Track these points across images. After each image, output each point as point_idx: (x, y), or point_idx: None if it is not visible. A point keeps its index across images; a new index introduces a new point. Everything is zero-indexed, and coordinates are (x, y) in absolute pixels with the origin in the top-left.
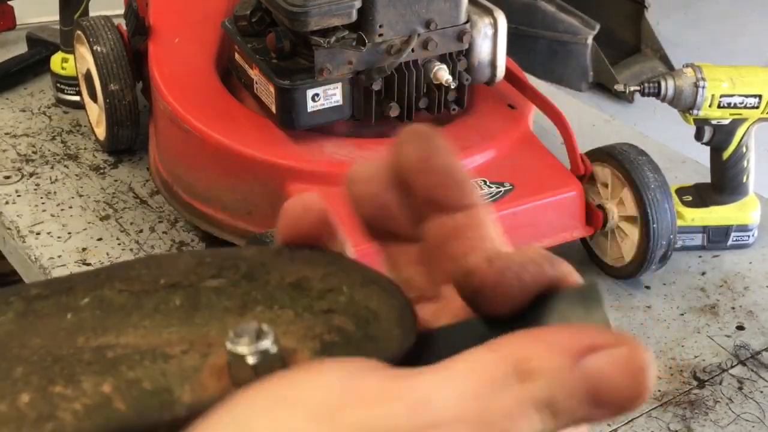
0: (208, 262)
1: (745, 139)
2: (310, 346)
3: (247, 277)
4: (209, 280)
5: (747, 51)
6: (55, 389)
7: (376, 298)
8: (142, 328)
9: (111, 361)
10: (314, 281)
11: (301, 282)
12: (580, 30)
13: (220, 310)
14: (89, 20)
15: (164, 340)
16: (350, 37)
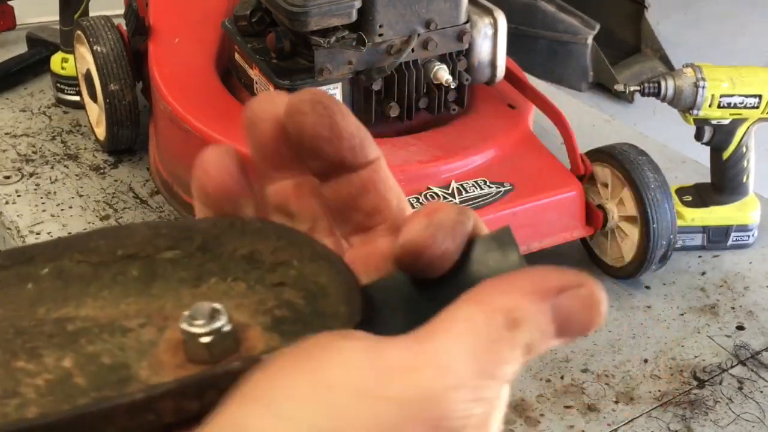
0: (164, 233)
1: (745, 139)
2: (261, 321)
3: (201, 249)
4: (165, 251)
5: (747, 51)
6: (18, 364)
7: (325, 273)
8: (101, 299)
9: (71, 334)
10: (266, 254)
11: (253, 254)
12: (580, 30)
13: (176, 281)
14: (89, 20)
15: (122, 312)
16: (350, 37)
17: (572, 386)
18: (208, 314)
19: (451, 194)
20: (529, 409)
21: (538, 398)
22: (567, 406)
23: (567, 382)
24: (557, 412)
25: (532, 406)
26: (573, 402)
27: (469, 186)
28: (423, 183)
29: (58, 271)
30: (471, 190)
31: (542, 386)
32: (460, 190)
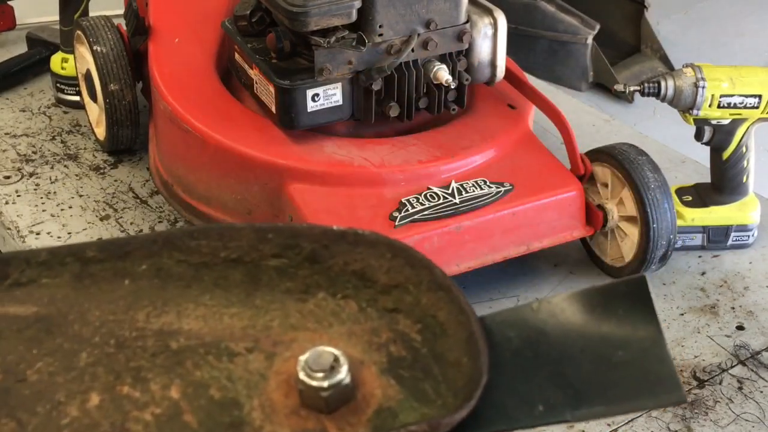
0: (271, 238)
1: (745, 139)
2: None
3: (309, 259)
4: (271, 258)
5: (747, 51)
6: (123, 389)
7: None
8: (202, 305)
9: (176, 353)
10: (379, 272)
11: (365, 271)
12: (580, 30)
13: (281, 292)
14: (89, 20)
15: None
16: (350, 37)
17: None
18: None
19: (451, 194)
20: None
21: None
22: None
23: None
24: None
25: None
26: None
27: (469, 186)
28: (423, 183)
29: (157, 269)
30: (471, 190)
31: None
32: (460, 190)
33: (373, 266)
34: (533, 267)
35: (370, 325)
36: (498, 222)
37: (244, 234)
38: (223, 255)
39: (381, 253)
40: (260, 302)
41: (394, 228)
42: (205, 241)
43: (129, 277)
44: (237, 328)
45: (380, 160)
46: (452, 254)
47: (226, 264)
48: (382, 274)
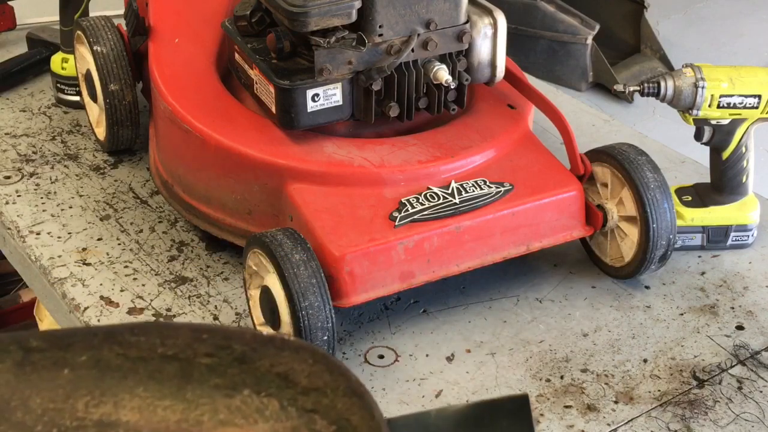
0: (205, 339)
1: (745, 139)
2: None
3: (239, 359)
4: (204, 357)
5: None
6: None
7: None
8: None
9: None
10: (301, 376)
11: (288, 374)
12: (580, 30)
13: (210, 387)
14: (89, 20)
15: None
16: (350, 37)
17: (572, 386)
18: None
19: (450, 194)
20: None
21: (538, 398)
22: (567, 405)
23: (567, 382)
24: (557, 412)
25: (532, 406)
26: (573, 402)
27: (468, 186)
28: (423, 183)
29: (96, 361)
30: (471, 190)
31: (542, 386)
32: (459, 190)
33: (296, 370)
34: (533, 267)
35: (291, 424)
36: (498, 222)
37: (181, 333)
38: (159, 351)
39: (303, 359)
40: (191, 396)
41: (394, 228)
42: (144, 338)
43: (69, 367)
44: (171, 422)
45: (380, 160)
46: (452, 254)
47: (161, 359)
48: (304, 378)
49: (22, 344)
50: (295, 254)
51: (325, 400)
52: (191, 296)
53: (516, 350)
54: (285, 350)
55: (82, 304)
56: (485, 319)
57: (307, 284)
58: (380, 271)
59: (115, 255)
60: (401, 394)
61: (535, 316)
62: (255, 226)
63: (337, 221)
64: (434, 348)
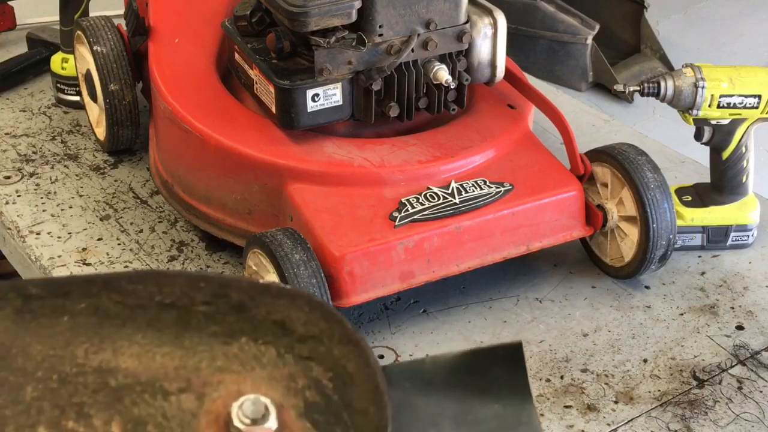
0: (202, 287)
1: (745, 139)
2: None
3: (236, 307)
4: (201, 305)
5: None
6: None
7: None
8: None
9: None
10: (297, 324)
11: (285, 321)
12: (580, 30)
13: (208, 335)
14: (89, 20)
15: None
16: (350, 37)
17: (572, 386)
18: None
19: (450, 194)
20: None
21: (538, 398)
22: (567, 405)
23: (567, 382)
24: (557, 412)
25: None
26: (573, 402)
27: (468, 186)
28: (423, 183)
29: (94, 308)
30: (471, 190)
31: (542, 386)
32: (459, 190)
33: (293, 318)
34: (533, 267)
35: (288, 371)
36: (498, 222)
37: (178, 281)
38: (157, 299)
39: (300, 307)
40: (189, 343)
41: (394, 228)
42: (142, 286)
43: (68, 314)
44: (170, 368)
45: (380, 160)
46: (452, 254)
47: (159, 307)
48: (300, 325)
49: (20, 291)
50: (295, 254)
51: (321, 347)
52: None
53: None
54: (282, 298)
55: None
56: (485, 319)
57: (307, 284)
58: (380, 271)
59: (115, 255)
60: None
61: (535, 316)
62: (255, 226)
63: (337, 221)
64: (434, 348)
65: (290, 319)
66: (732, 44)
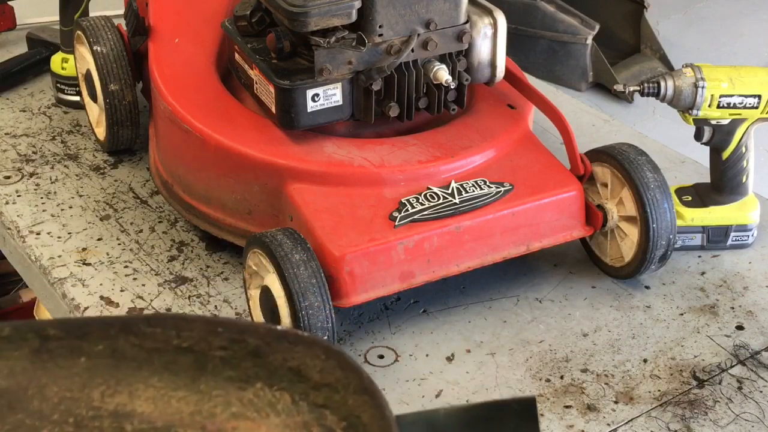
0: (220, 332)
1: (745, 139)
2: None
3: (252, 353)
4: (218, 350)
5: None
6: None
7: (369, 410)
8: (152, 387)
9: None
10: (313, 371)
11: (300, 368)
12: (580, 30)
13: (224, 380)
14: (89, 20)
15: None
16: (350, 37)
17: (572, 386)
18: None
19: (450, 194)
20: None
21: (538, 398)
22: (567, 405)
23: (567, 382)
24: (557, 412)
25: None
26: (573, 402)
27: (468, 186)
28: (423, 183)
29: (112, 350)
30: (471, 190)
31: (542, 386)
32: (459, 190)
33: (308, 365)
34: (533, 267)
35: (302, 419)
36: (498, 222)
37: (196, 326)
38: (174, 343)
39: (316, 354)
40: (204, 387)
41: (394, 228)
42: (160, 329)
43: (85, 356)
44: (185, 414)
45: (380, 160)
46: (452, 254)
47: (176, 351)
48: (316, 373)
49: (39, 332)
50: (295, 254)
51: (336, 396)
52: (191, 296)
53: (516, 350)
54: (298, 345)
55: (82, 304)
56: (485, 319)
57: (307, 284)
58: (380, 271)
59: (115, 255)
60: (401, 394)
61: (535, 316)
62: (255, 226)
63: (337, 221)
64: (434, 348)
65: (306, 367)
66: (732, 44)
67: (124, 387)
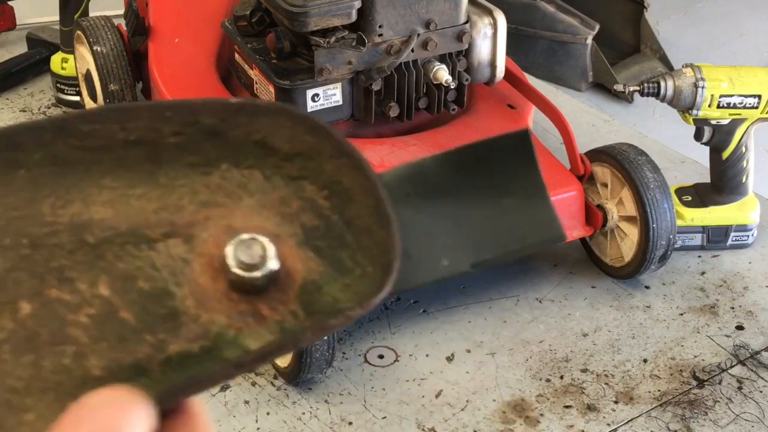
0: (169, 116)
1: (744, 139)
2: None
3: (210, 133)
4: (171, 136)
5: (746, 52)
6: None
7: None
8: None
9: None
10: (281, 141)
11: (266, 140)
12: (580, 30)
13: (185, 167)
14: (89, 20)
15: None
16: (350, 37)
17: (572, 386)
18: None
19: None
20: (529, 409)
21: (538, 398)
22: (567, 406)
23: (567, 382)
24: (557, 412)
25: (532, 406)
26: (573, 402)
27: None
28: None
29: (52, 156)
30: None
31: (542, 386)
32: None
33: (275, 135)
34: (533, 267)
35: (278, 195)
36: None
37: (140, 114)
38: (120, 137)
39: (281, 123)
40: (164, 180)
41: None
42: (100, 125)
43: (23, 168)
44: (149, 212)
45: (380, 160)
46: None
47: (124, 145)
48: (284, 143)
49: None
50: None
51: (311, 164)
52: None
53: (516, 350)
54: (259, 116)
55: None
56: (485, 319)
57: None
58: None
59: None
60: (401, 394)
61: (535, 316)
62: None
63: None
64: (434, 348)
65: (272, 137)
66: (732, 44)
67: (75, 194)
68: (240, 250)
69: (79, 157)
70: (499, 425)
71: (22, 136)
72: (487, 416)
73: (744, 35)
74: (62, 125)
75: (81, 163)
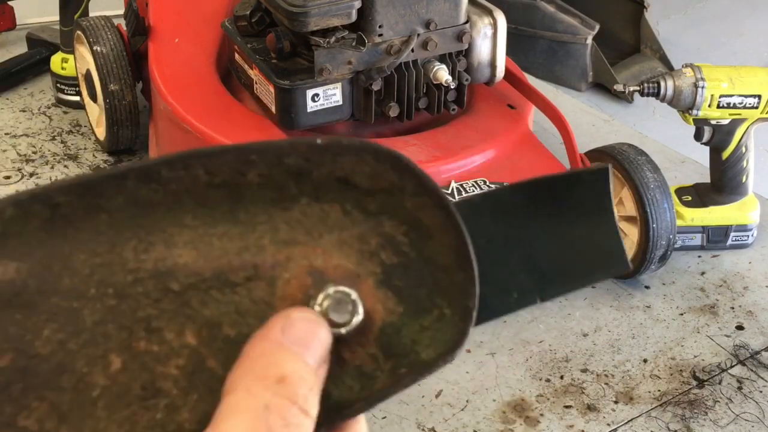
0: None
1: (744, 139)
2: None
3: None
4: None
5: (746, 51)
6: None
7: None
8: (187, 228)
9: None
10: (363, 177)
11: (348, 177)
12: (580, 30)
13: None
14: (89, 20)
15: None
16: (350, 37)
17: (572, 386)
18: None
19: (450, 194)
20: (529, 409)
21: (538, 398)
22: (567, 406)
23: (567, 382)
24: (557, 412)
25: (532, 406)
26: (573, 402)
27: (468, 186)
28: None
29: (134, 200)
30: (471, 190)
31: (542, 386)
32: (459, 190)
33: (357, 172)
34: None
35: (357, 231)
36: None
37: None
38: (204, 180)
39: (366, 161)
40: (244, 216)
41: None
42: (185, 171)
43: (105, 212)
44: (232, 254)
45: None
46: None
47: (207, 188)
48: (366, 179)
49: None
50: None
51: (392, 200)
52: None
53: (516, 350)
54: (345, 155)
55: None
56: None
57: None
58: None
59: None
60: (401, 394)
61: (535, 316)
62: None
63: None
64: None
65: (355, 174)
66: (732, 44)
67: (157, 235)
68: (331, 308)
69: (161, 199)
70: (499, 425)
71: (105, 186)
72: (487, 416)
73: (744, 35)
74: (146, 173)
75: (162, 204)
